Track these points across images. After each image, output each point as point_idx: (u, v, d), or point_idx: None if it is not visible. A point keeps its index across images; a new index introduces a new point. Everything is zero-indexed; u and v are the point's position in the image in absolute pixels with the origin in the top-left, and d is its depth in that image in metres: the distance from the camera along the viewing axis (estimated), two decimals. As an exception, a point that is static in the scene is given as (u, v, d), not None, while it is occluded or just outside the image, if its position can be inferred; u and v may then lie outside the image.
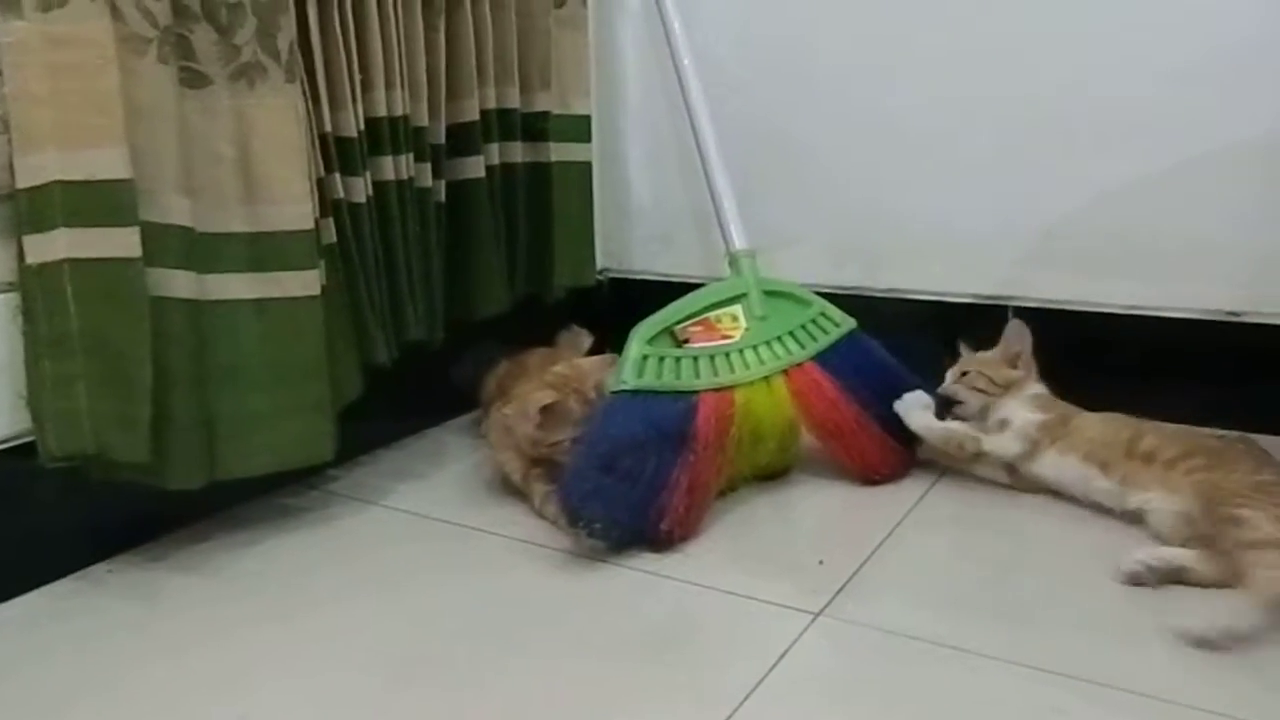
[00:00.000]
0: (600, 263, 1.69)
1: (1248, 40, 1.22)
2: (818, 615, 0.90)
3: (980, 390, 1.19)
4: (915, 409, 1.16)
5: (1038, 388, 1.18)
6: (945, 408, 1.20)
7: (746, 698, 0.78)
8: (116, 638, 0.90)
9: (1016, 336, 1.21)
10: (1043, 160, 1.35)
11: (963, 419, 1.19)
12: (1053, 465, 1.10)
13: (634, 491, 1.00)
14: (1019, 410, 1.14)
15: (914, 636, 0.86)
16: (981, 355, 1.22)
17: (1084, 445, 1.09)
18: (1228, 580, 0.90)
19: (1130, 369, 1.29)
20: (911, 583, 0.96)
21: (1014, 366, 1.20)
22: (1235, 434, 1.09)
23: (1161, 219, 1.30)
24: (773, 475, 1.18)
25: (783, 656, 0.83)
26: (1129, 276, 1.32)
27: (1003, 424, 1.14)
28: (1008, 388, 1.18)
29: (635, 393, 1.05)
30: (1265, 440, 1.08)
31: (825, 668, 0.83)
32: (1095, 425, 1.11)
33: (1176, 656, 0.82)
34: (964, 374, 1.21)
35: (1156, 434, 1.07)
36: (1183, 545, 0.96)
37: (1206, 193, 1.27)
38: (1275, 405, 1.23)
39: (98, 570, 1.03)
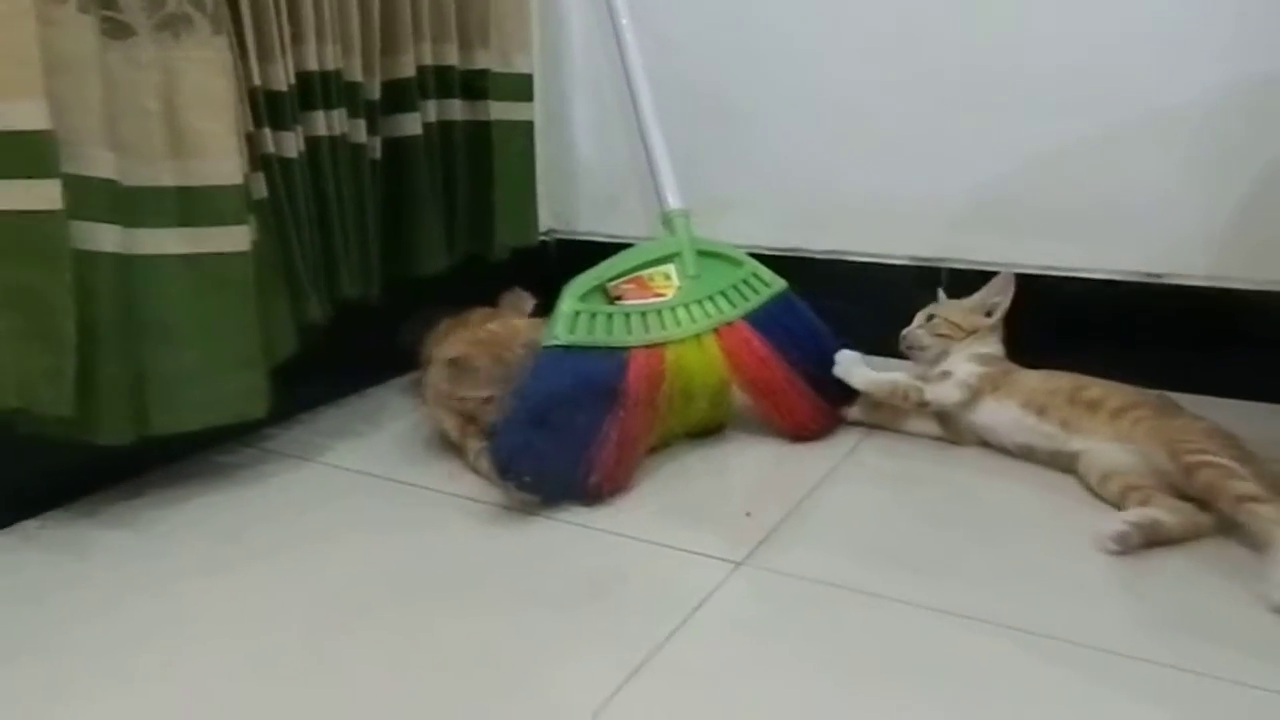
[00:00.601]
0: (546, 223, 1.69)
1: (1169, 14, 1.25)
2: (740, 564, 0.92)
3: (944, 335, 1.22)
4: (855, 366, 1.18)
5: (992, 347, 1.20)
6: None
7: (665, 642, 0.80)
8: (48, 593, 0.91)
9: (999, 288, 1.23)
10: (972, 128, 1.38)
11: (919, 364, 1.23)
12: (990, 412, 1.14)
13: (563, 446, 1.01)
14: (962, 364, 1.17)
15: (833, 583, 0.89)
16: (955, 302, 1.26)
17: (1024, 393, 1.12)
18: (1189, 532, 0.93)
19: (1055, 328, 1.32)
20: (835, 533, 0.99)
21: (988, 316, 1.23)
22: (1154, 392, 1.13)
23: (1085, 185, 1.34)
24: (707, 432, 1.20)
25: (703, 603, 0.86)
26: (1055, 239, 1.36)
27: (944, 375, 1.17)
28: (972, 333, 1.21)
29: (567, 348, 1.06)
30: (1183, 398, 1.12)
31: (743, 613, 0.86)
32: (1036, 377, 1.15)
33: (1094, 603, 0.86)
34: (930, 319, 1.23)
35: (1100, 385, 1.10)
36: (1123, 494, 0.99)
37: (1128, 160, 1.31)
38: (1193, 365, 1.27)
39: (29, 526, 1.02)
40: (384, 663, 0.79)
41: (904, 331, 1.25)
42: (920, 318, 1.25)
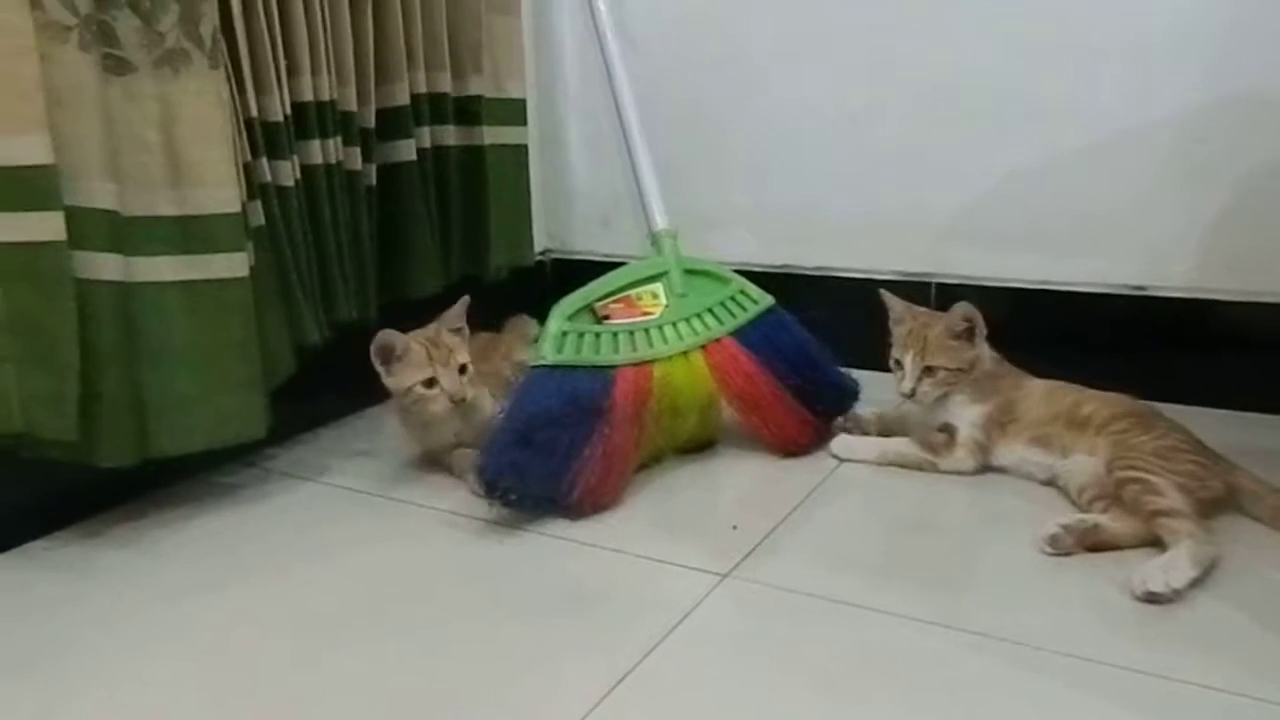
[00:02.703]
0: (542, 244, 1.72)
1: (1148, 31, 1.28)
2: (725, 576, 0.94)
3: (949, 384, 1.14)
4: (856, 446, 1.19)
5: (986, 367, 1.15)
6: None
7: (650, 652, 0.82)
8: (52, 610, 0.94)
9: (966, 313, 1.15)
10: (958, 144, 1.41)
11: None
12: (998, 457, 1.14)
13: (548, 464, 1.04)
14: (960, 411, 1.14)
15: (817, 595, 0.91)
16: (934, 337, 1.15)
17: (1028, 430, 1.11)
18: (1140, 539, 0.95)
19: (1042, 341, 1.34)
20: (819, 546, 1.01)
21: (968, 339, 1.15)
22: (1146, 405, 1.13)
23: (1067, 199, 1.36)
24: (697, 448, 1.23)
25: (688, 614, 0.88)
26: (1040, 253, 1.38)
27: (947, 430, 1.15)
28: (970, 369, 1.14)
29: (554, 367, 1.08)
30: (1168, 409, 1.12)
31: (727, 624, 0.88)
32: (1039, 405, 1.12)
33: (1059, 611, 0.87)
34: (929, 370, 1.14)
35: (1096, 400, 1.10)
36: (1090, 504, 1.02)
37: (1110, 174, 1.33)
38: (1175, 375, 1.28)
39: (34, 546, 1.05)
40: (374, 674, 0.81)
41: (905, 388, 1.15)
42: (914, 369, 1.14)
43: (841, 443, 1.20)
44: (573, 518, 1.05)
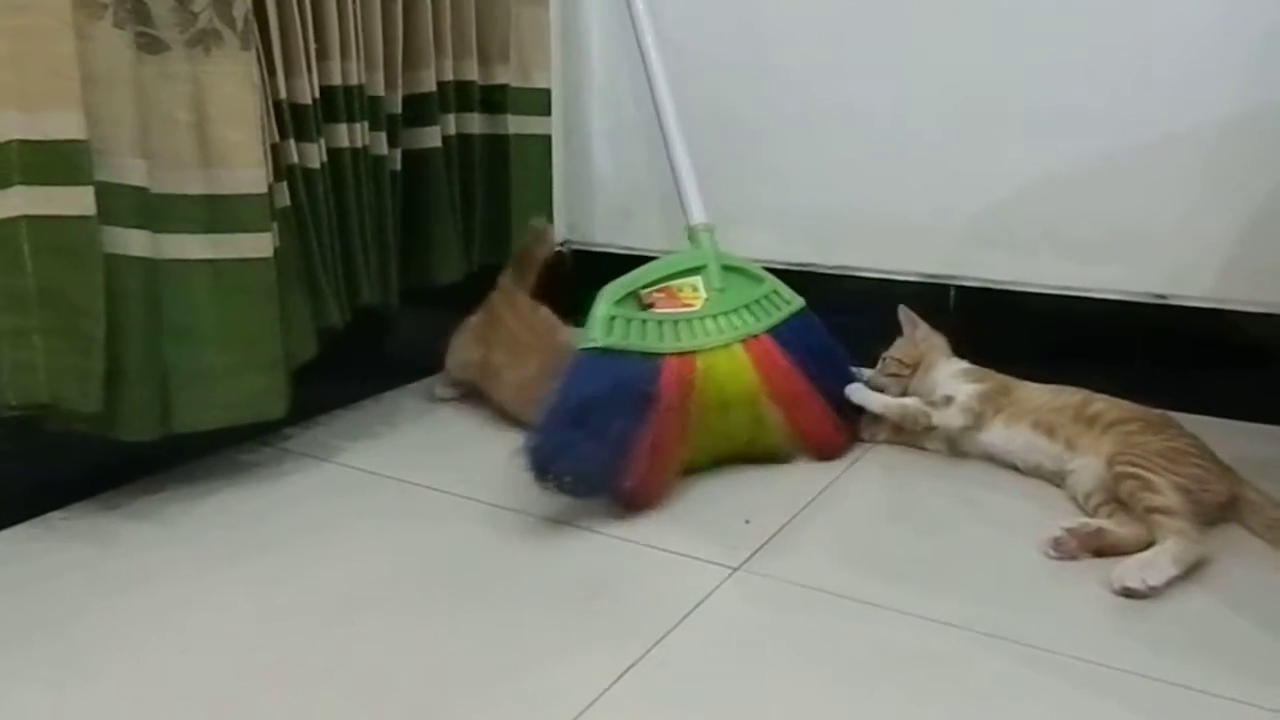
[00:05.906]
0: (563, 234, 1.73)
1: (1177, 41, 1.27)
2: (736, 570, 0.95)
3: (894, 374, 1.26)
4: (869, 394, 1.22)
5: (959, 362, 1.24)
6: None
7: (656, 643, 0.83)
8: (67, 577, 0.95)
9: (907, 321, 1.29)
10: (982, 149, 1.40)
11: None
12: (1001, 435, 1.15)
13: (601, 448, 1.01)
14: (957, 384, 1.19)
15: (826, 590, 0.91)
16: (897, 343, 1.29)
17: (1032, 413, 1.13)
18: (1145, 543, 0.95)
19: (1062, 348, 1.34)
20: (832, 541, 1.01)
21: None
22: (1157, 411, 1.13)
23: (1092, 206, 1.35)
24: (769, 458, 1.18)
25: (696, 607, 0.88)
26: (1062, 259, 1.38)
27: (947, 400, 1.19)
28: (916, 366, 1.25)
29: (604, 351, 1.07)
30: (1185, 419, 1.12)
31: (736, 617, 0.88)
32: (1043, 394, 1.15)
33: (1068, 613, 0.88)
34: (884, 360, 1.28)
35: (1106, 401, 1.11)
36: (1096, 509, 1.02)
37: (1136, 183, 1.32)
38: (1196, 386, 1.28)
39: (54, 517, 1.07)
40: (381, 656, 0.82)
41: (869, 380, 1.27)
42: (880, 364, 1.29)
43: (858, 391, 1.22)
44: (623, 507, 1.04)
